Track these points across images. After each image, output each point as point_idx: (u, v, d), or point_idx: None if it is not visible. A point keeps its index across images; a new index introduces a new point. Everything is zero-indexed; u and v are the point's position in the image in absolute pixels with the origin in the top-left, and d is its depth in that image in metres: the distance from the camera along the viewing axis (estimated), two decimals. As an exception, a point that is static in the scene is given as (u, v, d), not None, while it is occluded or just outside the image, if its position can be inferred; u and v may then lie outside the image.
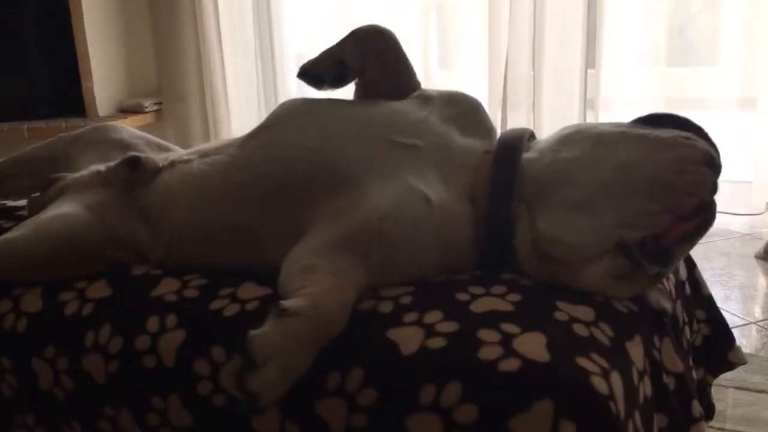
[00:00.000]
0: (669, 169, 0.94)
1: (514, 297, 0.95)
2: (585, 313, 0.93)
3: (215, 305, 1.03)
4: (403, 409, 0.85)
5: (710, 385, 1.40)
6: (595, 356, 0.84)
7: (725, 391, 1.74)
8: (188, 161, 1.19)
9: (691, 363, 1.19)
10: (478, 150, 1.09)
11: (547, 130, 3.34)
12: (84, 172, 1.27)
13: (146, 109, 3.86)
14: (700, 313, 1.32)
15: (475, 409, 0.81)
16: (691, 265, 1.33)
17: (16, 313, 1.11)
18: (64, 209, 1.16)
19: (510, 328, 0.88)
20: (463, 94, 1.18)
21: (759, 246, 2.79)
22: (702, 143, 0.97)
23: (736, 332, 1.33)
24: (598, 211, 0.96)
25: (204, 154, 1.19)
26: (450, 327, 0.89)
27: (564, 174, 1.00)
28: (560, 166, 1.01)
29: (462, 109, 1.15)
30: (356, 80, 1.20)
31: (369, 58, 1.17)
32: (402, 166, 1.04)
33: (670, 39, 3.30)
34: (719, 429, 1.59)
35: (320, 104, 1.16)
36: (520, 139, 1.08)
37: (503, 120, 3.39)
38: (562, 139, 1.05)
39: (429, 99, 1.16)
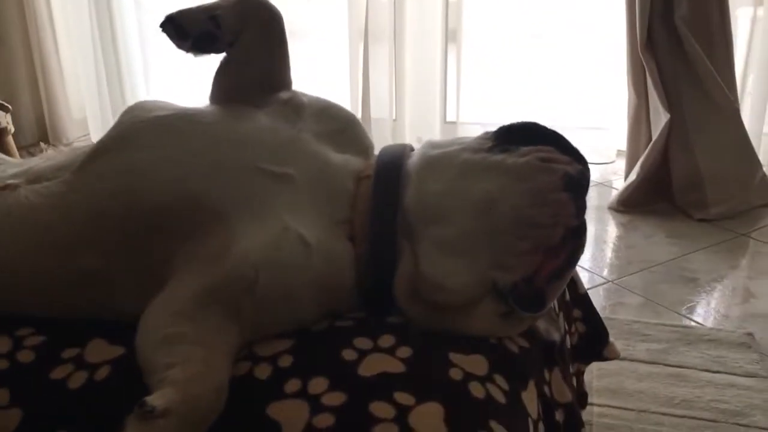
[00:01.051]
0: (528, 202, 0.88)
1: (404, 351, 0.87)
2: (478, 365, 0.87)
3: (57, 374, 0.87)
4: (289, 501, 0.76)
5: (582, 373, 1.43)
6: (494, 425, 0.79)
7: (590, 366, 1.79)
8: (14, 188, 0.99)
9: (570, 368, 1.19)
10: (355, 172, 0.99)
11: (408, 63, 3.25)
12: None
13: (-40, 53, 3.38)
14: (577, 312, 1.32)
15: (371, 502, 0.74)
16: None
17: None
18: None
19: (404, 398, 0.80)
20: (337, 107, 1.06)
21: (612, 196, 2.90)
22: (560, 162, 0.90)
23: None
24: (470, 253, 0.89)
25: (33, 179, 0.99)
26: (338, 399, 0.80)
27: (434, 211, 0.91)
28: (429, 201, 0.92)
29: (337, 125, 1.04)
30: (224, 55, 1.05)
31: (247, 27, 1.02)
32: (275, 201, 0.92)
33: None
34: (588, 404, 1.63)
35: (173, 117, 0.99)
36: (400, 162, 0.98)
37: (365, 52, 3.24)
38: (428, 163, 0.96)
39: (299, 109, 1.03)
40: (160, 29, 1.02)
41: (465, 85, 3.32)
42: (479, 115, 3.39)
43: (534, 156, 0.89)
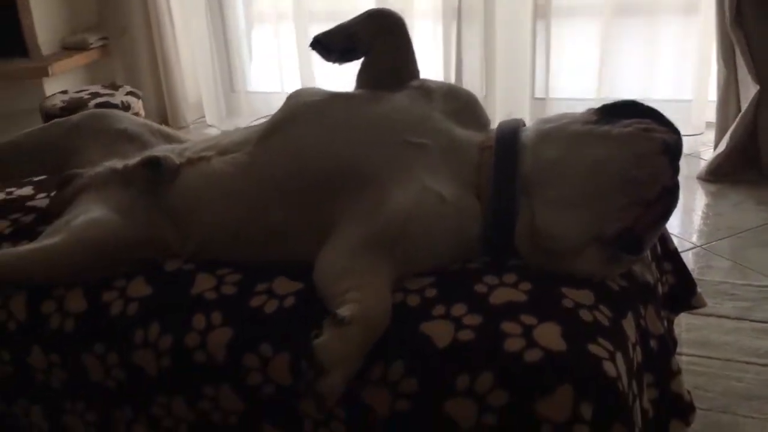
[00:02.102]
0: (632, 164, 1.08)
1: (525, 286, 1.09)
2: (586, 297, 1.08)
3: (255, 302, 1.13)
4: (441, 395, 0.99)
5: (672, 322, 1.60)
6: (601, 341, 1.00)
7: (679, 318, 1.95)
8: (207, 159, 1.26)
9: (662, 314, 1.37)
10: (477, 144, 1.20)
11: (499, 41, 3.40)
12: (100, 170, 1.32)
13: (91, 46, 3.75)
14: (667, 265, 1.49)
15: (506, 394, 0.96)
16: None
17: (61, 314, 1.19)
18: (95, 214, 1.22)
19: (528, 319, 1.02)
20: (460, 88, 1.28)
21: (700, 167, 3.00)
22: (659, 131, 1.10)
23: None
24: (579, 209, 1.10)
25: (222, 151, 1.26)
26: (475, 320, 1.03)
27: (548, 175, 1.12)
28: (544, 167, 1.13)
29: (460, 104, 1.25)
30: (362, 59, 1.28)
31: (378, 37, 1.25)
32: (416, 166, 1.14)
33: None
34: (677, 355, 1.81)
35: (330, 99, 1.24)
36: (516, 135, 1.18)
37: (458, 30, 3.41)
38: (542, 135, 1.17)
39: (429, 92, 1.25)
40: (311, 48, 1.27)
41: (554, 61, 3.44)
42: (567, 91, 3.50)
43: (636, 126, 1.09)
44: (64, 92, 3.11)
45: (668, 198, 1.10)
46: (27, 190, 1.51)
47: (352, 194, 1.14)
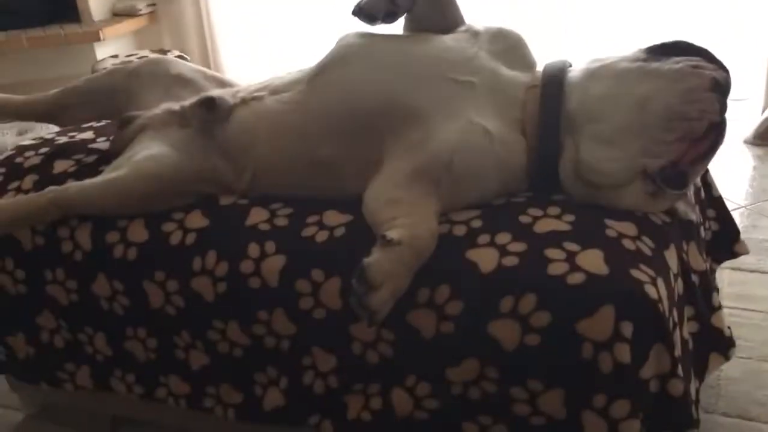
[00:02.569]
0: (680, 100, 1.09)
1: (569, 217, 1.12)
2: (629, 228, 1.10)
3: (307, 232, 1.18)
4: (486, 317, 1.03)
5: (714, 272, 1.61)
6: (643, 267, 1.02)
7: (721, 272, 1.95)
8: (260, 98, 1.31)
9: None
10: (523, 84, 1.22)
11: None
12: (157, 111, 1.38)
13: (140, 12, 3.84)
14: (711, 212, 1.50)
15: (548, 315, 1.00)
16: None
17: (124, 243, 1.26)
18: (155, 150, 1.28)
19: (571, 246, 1.05)
20: (507, 30, 1.30)
21: (748, 131, 2.96)
22: (708, 69, 1.11)
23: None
24: (625, 144, 1.11)
25: (274, 91, 1.30)
26: (520, 247, 1.06)
27: (594, 110, 1.14)
28: (591, 103, 1.15)
29: (507, 45, 1.27)
30: (406, 15, 1.31)
31: None
32: (462, 102, 1.17)
33: None
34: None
35: (379, 41, 1.27)
36: (562, 74, 1.20)
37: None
38: (590, 74, 1.18)
39: (477, 34, 1.27)
40: (354, 16, 1.26)
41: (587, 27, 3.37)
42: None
43: (686, 63, 1.10)
44: (115, 56, 3.20)
45: (715, 134, 1.11)
46: (88, 134, 1.58)
47: (399, 130, 1.17)
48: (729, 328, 1.25)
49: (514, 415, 1.05)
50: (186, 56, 3.26)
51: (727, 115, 1.12)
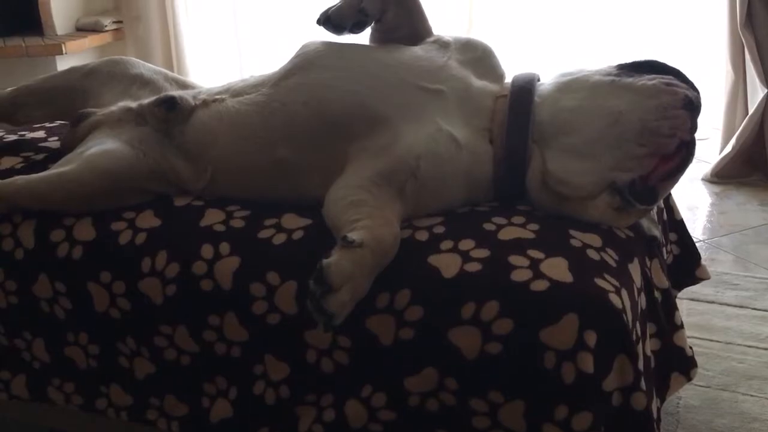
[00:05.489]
0: (653, 116, 1.09)
1: (533, 226, 1.09)
2: (593, 239, 1.08)
3: (263, 234, 1.14)
4: (446, 323, 0.99)
5: (675, 298, 1.60)
6: (608, 277, 1.00)
7: (680, 302, 1.94)
8: (221, 100, 1.27)
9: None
10: (493, 93, 1.21)
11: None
12: (113, 109, 1.33)
13: (106, 28, 3.78)
14: (672, 235, 1.50)
15: (511, 322, 0.97)
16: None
17: (69, 242, 1.20)
18: (108, 146, 1.23)
19: (535, 253, 1.02)
20: (476, 40, 1.29)
21: (706, 169, 3.01)
22: (681, 87, 1.11)
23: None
24: (595, 157, 1.11)
25: (236, 93, 1.27)
26: (483, 253, 1.04)
27: (566, 123, 1.13)
28: (562, 115, 1.14)
29: (476, 55, 1.26)
30: (373, 24, 1.29)
31: (388, 7, 1.26)
32: (431, 110, 1.15)
33: None
34: (677, 334, 1.80)
35: (346, 48, 1.25)
36: (531, 85, 1.19)
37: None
38: (562, 86, 1.18)
39: (446, 45, 1.26)
40: (319, 25, 1.24)
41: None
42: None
43: (659, 80, 1.10)
44: (77, 68, 3.13)
45: (685, 152, 1.11)
46: (39, 134, 1.52)
47: (365, 134, 1.15)
48: (691, 348, 1.23)
49: (472, 428, 1.01)
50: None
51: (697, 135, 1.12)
